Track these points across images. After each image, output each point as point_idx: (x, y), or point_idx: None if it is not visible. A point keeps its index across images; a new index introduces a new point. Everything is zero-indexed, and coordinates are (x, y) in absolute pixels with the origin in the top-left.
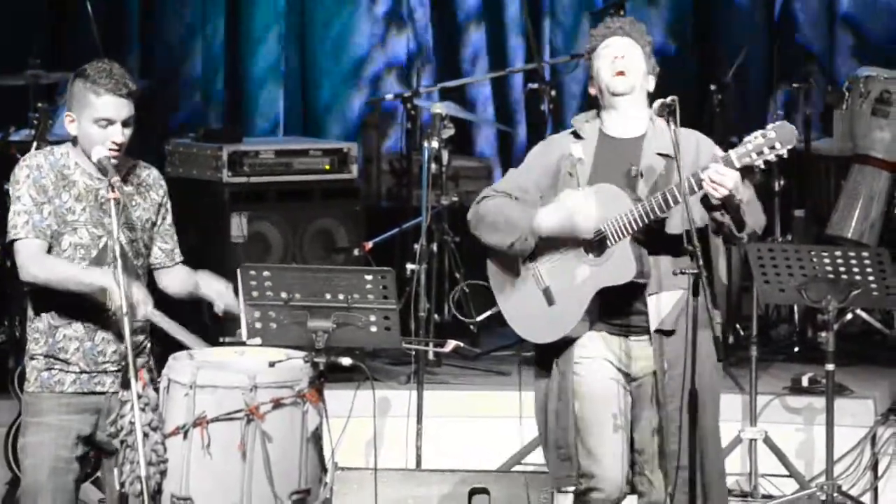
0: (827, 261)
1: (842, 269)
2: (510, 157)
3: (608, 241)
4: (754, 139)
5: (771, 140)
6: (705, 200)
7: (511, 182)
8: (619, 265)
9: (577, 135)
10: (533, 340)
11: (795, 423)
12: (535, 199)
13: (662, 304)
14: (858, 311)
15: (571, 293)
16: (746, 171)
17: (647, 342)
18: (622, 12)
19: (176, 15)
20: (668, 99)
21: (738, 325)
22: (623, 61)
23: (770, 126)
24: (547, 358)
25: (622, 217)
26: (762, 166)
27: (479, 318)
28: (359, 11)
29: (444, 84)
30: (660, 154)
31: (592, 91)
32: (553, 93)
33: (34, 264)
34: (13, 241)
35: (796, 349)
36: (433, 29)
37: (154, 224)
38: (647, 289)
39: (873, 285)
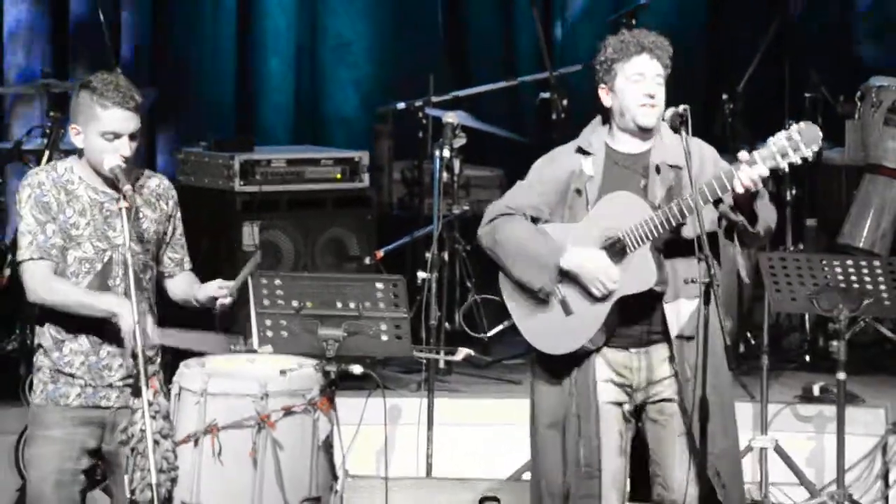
0: (838, 270)
1: (853, 278)
2: (522, 166)
3: (627, 249)
4: (778, 140)
5: (795, 142)
6: (718, 202)
7: (521, 199)
8: (640, 273)
9: (582, 150)
10: (548, 351)
11: (806, 431)
12: (546, 219)
13: (682, 312)
14: (870, 320)
15: (590, 303)
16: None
17: (661, 346)
18: (634, 21)
19: (187, 24)
20: (681, 108)
21: (749, 334)
22: (654, 89)
23: (794, 126)
24: (559, 370)
25: (642, 225)
26: (786, 169)
27: (489, 333)
28: (369, 20)
29: (456, 93)
30: (669, 166)
31: (607, 101)
32: (565, 102)
33: (41, 288)
34: (21, 262)
35: (807, 358)
36: (446, 37)
37: (164, 234)
38: (665, 297)
39: (885, 294)
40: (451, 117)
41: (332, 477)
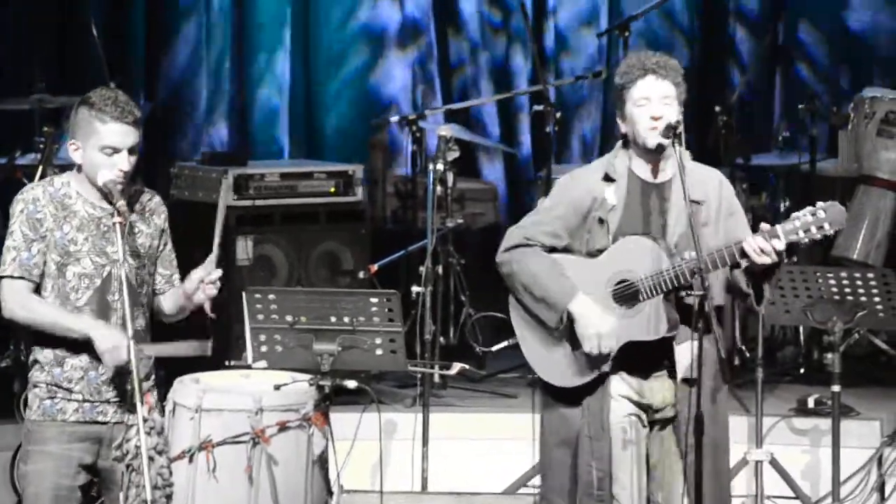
0: (832, 282)
1: (847, 290)
2: (516, 179)
3: (640, 296)
4: (803, 216)
5: (820, 220)
6: (735, 269)
7: (541, 226)
8: (652, 321)
9: (608, 177)
10: (551, 381)
11: (801, 444)
12: (565, 244)
13: (686, 354)
14: (864, 332)
15: None
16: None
17: (664, 377)
18: (627, 33)
19: (181, 38)
20: (674, 120)
21: (743, 347)
22: (660, 111)
23: (820, 205)
24: (570, 390)
25: (657, 276)
26: (807, 243)
27: (494, 349)
28: (364, 34)
29: (449, 106)
30: (690, 201)
31: (623, 128)
32: (558, 114)
33: (16, 304)
34: (1, 277)
35: (802, 370)
36: (438, 49)
37: (156, 249)
38: (675, 339)
39: (879, 306)
40: (444, 130)
41: (327, 492)
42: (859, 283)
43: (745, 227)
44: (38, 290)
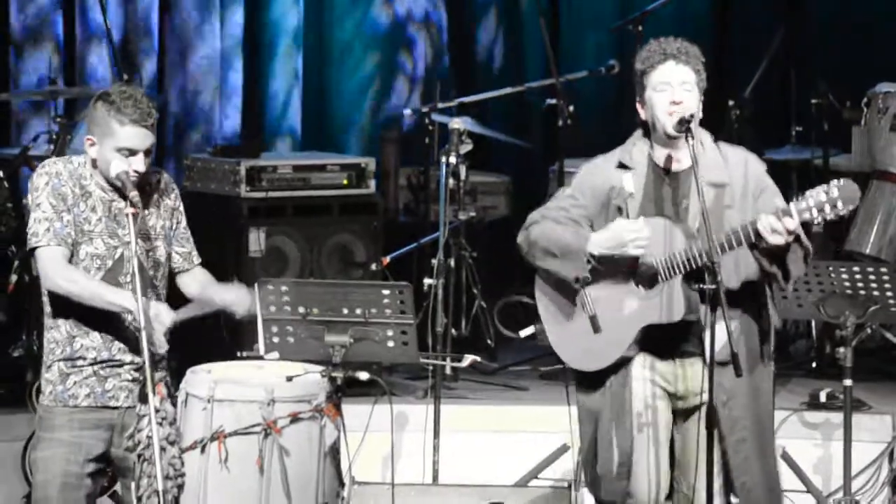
0: (845, 276)
1: (860, 284)
2: (528, 173)
3: (659, 277)
4: (816, 195)
5: (833, 199)
6: (754, 249)
7: (560, 210)
8: (670, 303)
9: (623, 165)
10: (576, 367)
11: (813, 438)
12: (586, 229)
13: (716, 336)
14: (876, 327)
15: (618, 324)
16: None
17: (697, 361)
18: (640, 27)
19: (193, 29)
20: (687, 114)
21: None
22: (680, 96)
23: (833, 182)
24: (596, 373)
25: (675, 256)
26: (820, 222)
27: (522, 334)
28: (376, 26)
29: (462, 99)
30: (711, 184)
31: (642, 115)
32: (571, 108)
33: (58, 275)
34: (34, 248)
35: (814, 365)
36: (450, 43)
37: (170, 229)
38: (701, 320)
39: (891, 301)
40: (457, 123)
41: (338, 483)
42: (872, 277)
43: (780, 203)
44: (71, 259)
